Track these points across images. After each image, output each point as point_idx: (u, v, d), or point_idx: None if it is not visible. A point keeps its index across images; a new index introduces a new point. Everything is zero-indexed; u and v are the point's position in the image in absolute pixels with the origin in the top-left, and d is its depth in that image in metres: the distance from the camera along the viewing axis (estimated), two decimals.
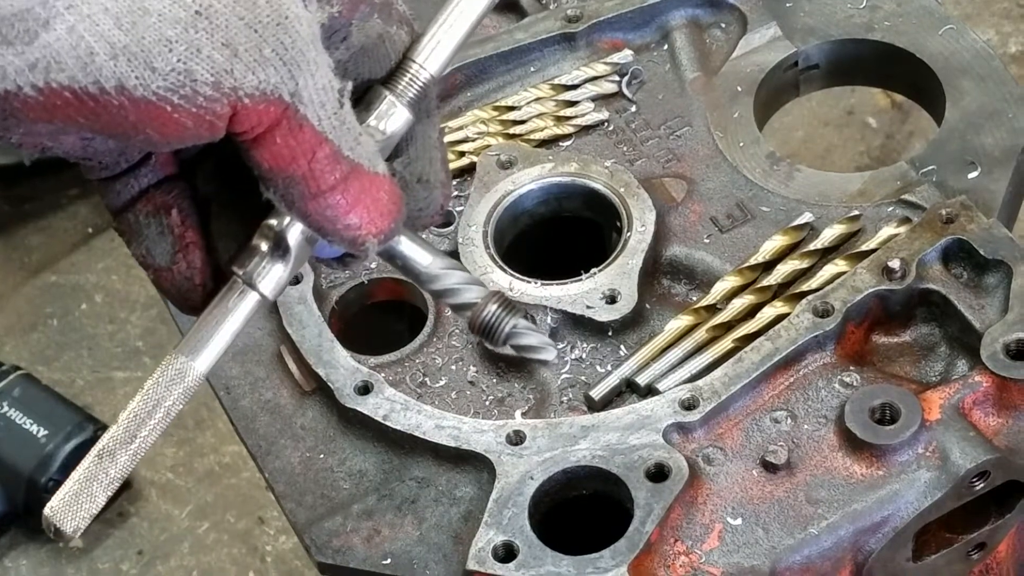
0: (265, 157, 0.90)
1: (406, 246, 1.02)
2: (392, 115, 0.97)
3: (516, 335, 1.03)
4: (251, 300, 0.96)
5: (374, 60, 0.97)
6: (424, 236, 1.40)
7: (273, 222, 0.96)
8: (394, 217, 0.95)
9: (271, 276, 0.96)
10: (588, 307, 1.35)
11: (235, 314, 0.96)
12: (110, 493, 0.93)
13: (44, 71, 0.82)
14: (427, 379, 1.35)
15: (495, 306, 1.03)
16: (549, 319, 1.35)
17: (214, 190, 1.00)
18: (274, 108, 0.88)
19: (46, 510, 0.92)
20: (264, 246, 0.96)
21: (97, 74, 0.83)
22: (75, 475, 0.93)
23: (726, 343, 1.31)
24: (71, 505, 0.92)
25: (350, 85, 0.92)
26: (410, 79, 0.98)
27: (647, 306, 1.37)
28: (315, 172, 0.90)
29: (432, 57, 0.98)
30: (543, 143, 1.49)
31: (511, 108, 1.49)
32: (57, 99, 0.84)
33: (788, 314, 1.30)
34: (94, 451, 0.93)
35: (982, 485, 1.24)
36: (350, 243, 0.94)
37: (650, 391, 1.30)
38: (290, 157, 0.89)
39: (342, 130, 0.91)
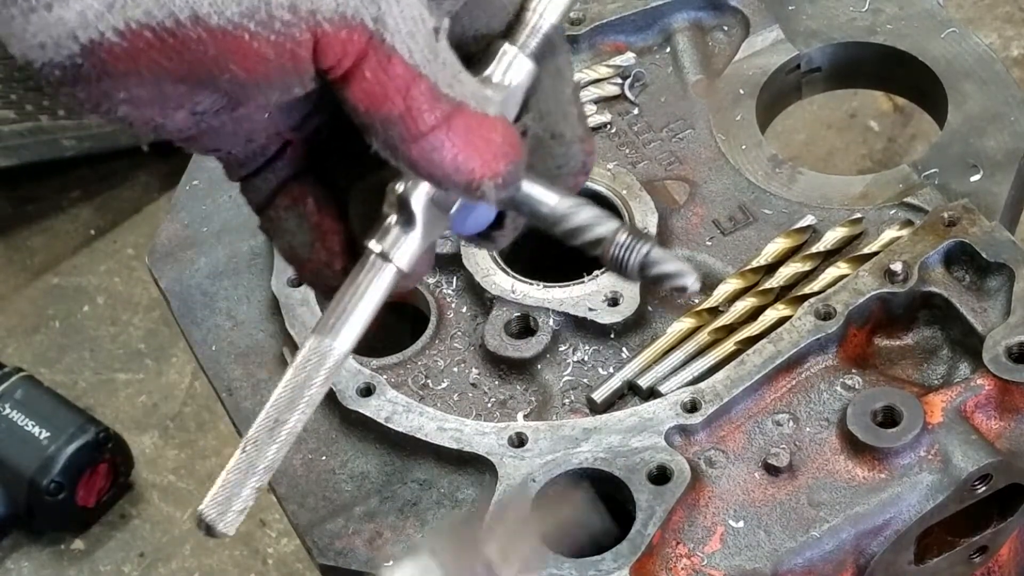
0: (357, 96, 0.86)
1: (531, 189, 0.96)
2: (513, 66, 0.93)
3: (650, 264, 0.96)
4: (386, 273, 0.93)
5: (489, 12, 0.92)
6: None
7: (398, 186, 0.93)
8: (511, 159, 0.90)
9: (402, 245, 0.93)
10: (590, 309, 1.35)
11: (371, 289, 0.93)
12: (261, 485, 0.91)
13: (121, 9, 0.80)
14: (429, 381, 1.35)
15: (625, 236, 0.96)
16: (551, 321, 1.35)
17: (348, 177, 0.97)
18: (358, 36, 0.84)
19: (200, 509, 0.90)
20: (393, 217, 0.93)
21: (171, 5, 0.81)
22: (225, 471, 0.91)
23: (728, 346, 1.31)
24: (222, 502, 0.90)
25: (446, 22, 0.88)
26: (531, 30, 0.93)
27: (649, 308, 1.37)
28: (412, 110, 0.86)
29: (551, 6, 0.93)
30: None
31: None
32: (139, 41, 0.81)
33: (790, 317, 1.30)
34: (241, 444, 0.91)
35: (984, 488, 1.24)
36: (465, 188, 0.89)
37: (652, 393, 1.30)
38: (383, 94, 0.85)
39: (436, 64, 0.86)
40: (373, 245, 0.93)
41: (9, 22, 0.82)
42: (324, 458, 1.31)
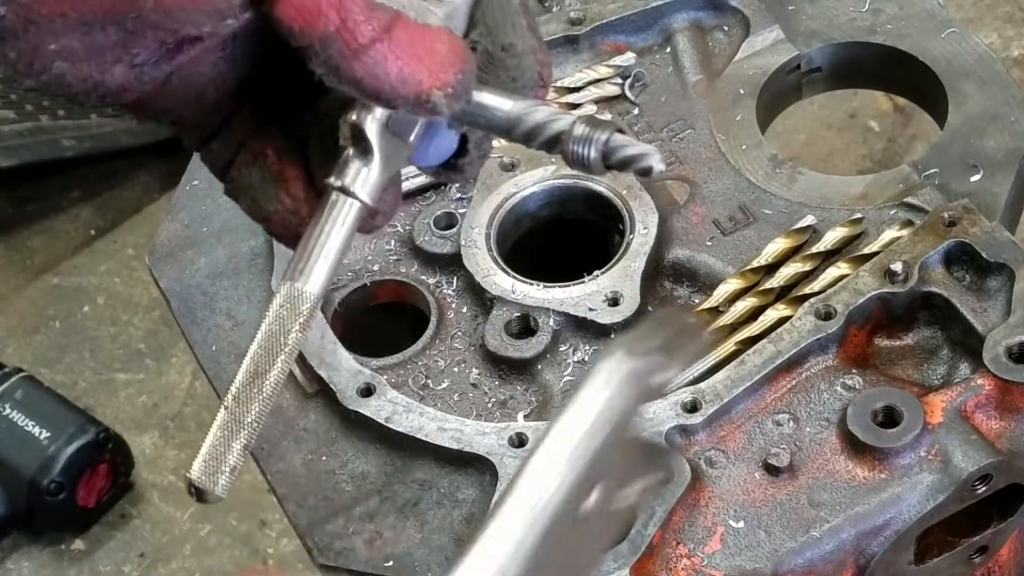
0: (290, 14, 0.83)
1: (483, 98, 0.93)
2: None
3: (612, 151, 0.91)
4: (350, 208, 0.91)
5: None
6: (428, 236, 1.41)
7: (351, 116, 0.91)
8: (459, 68, 0.86)
9: (361, 176, 0.90)
10: (590, 309, 1.35)
11: (336, 227, 0.90)
12: (248, 442, 0.88)
13: None
14: (429, 381, 1.35)
15: (583, 127, 0.91)
16: (552, 321, 1.35)
17: (306, 125, 0.96)
18: None
19: (189, 474, 0.87)
20: (350, 150, 0.91)
21: None
22: (210, 433, 0.88)
23: (728, 346, 1.31)
24: (210, 463, 0.87)
25: None
26: None
27: (649, 309, 1.37)
28: (348, 22, 0.83)
29: None
30: None
31: None
32: None
33: (790, 317, 1.30)
34: (224, 402, 0.89)
35: (984, 488, 1.24)
36: (415, 102, 0.86)
37: None
38: (314, 8, 0.82)
39: None
40: (332, 181, 0.91)
41: None
42: (324, 458, 1.31)
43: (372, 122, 0.91)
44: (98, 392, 2.78)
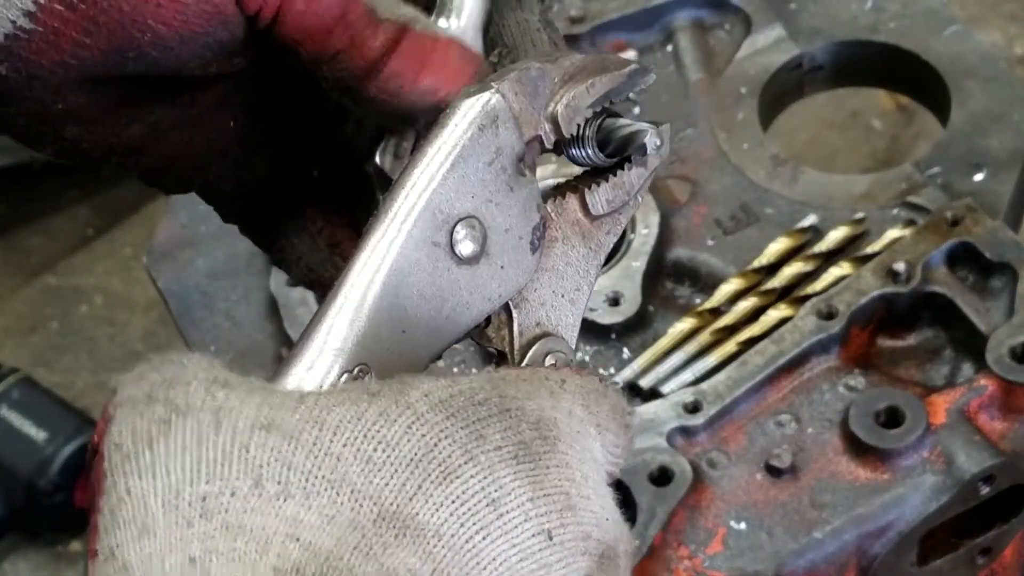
0: (295, 34, 0.80)
1: None
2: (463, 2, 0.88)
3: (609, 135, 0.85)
4: None
5: None
6: None
7: (376, 160, 0.90)
8: (474, 72, 0.83)
9: None
10: (591, 310, 1.34)
11: None
12: None
13: None
14: None
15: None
16: None
17: (349, 179, 0.94)
18: None
19: None
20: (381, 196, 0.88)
21: None
22: None
23: (730, 346, 1.30)
24: None
25: None
26: None
27: (651, 309, 1.36)
28: (355, 37, 0.80)
29: None
30: None
31: None
32: (53, 19, 0.76)
33: (792, 317, 1.29)
34: None
35: (988, 489, 1.24)
36: (435, 114, 0.83)
37: (653, 394, 1.29)
38: (320, 25, 0.80)
39: None
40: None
41: None
42: None
43: (393, 161, 0.90)
44: (96, 392, 2.77)
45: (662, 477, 1.21)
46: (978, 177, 1.41)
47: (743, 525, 1.21)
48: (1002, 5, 2.99)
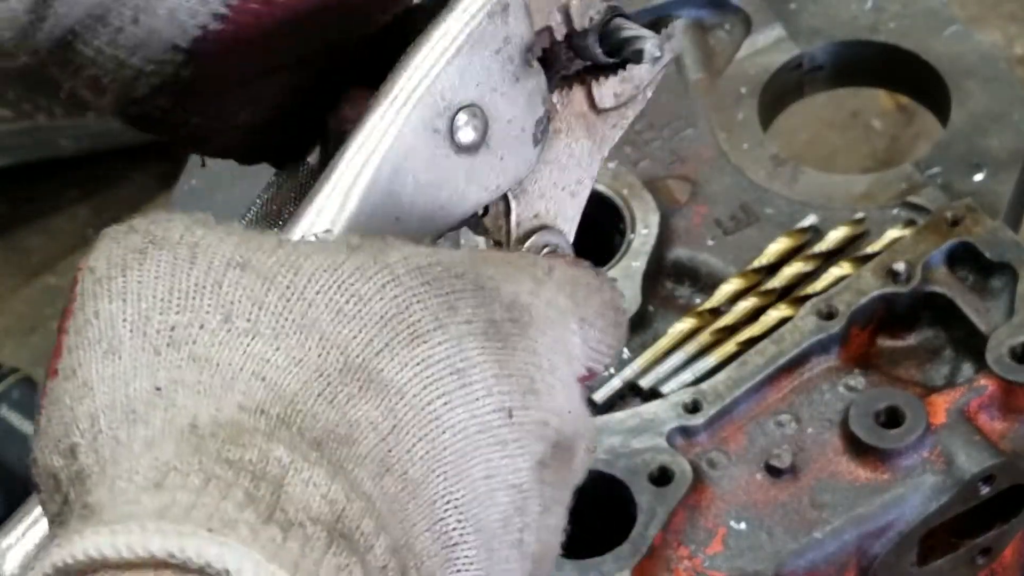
0: None
1: None
2: None
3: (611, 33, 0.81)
4: None
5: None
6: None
7: None
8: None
9: None
10: None
11: None
12: None
13: None
14: None
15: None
16: None
17: None
18: None
19: None
20: None
21: None
22: None
23: (730, 346, 1.30)
24: None
25: None
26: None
27: (650, 309, 1.36)
28: None
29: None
30: None
31: None
32: (245, 15, 0.73)
33: (792, 317, 1.29)
34: None
35: (988, 489, 1.24)
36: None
37: (653, 394, 1.29)
38: None
39: None
40: None
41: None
42: None
43: None
44: None
45: (662, 477, 1.21)
46: (978, 177, 1.41)
47: (743, 525, 1.21)
48: (1002, 5, 2.99)
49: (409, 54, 0.72)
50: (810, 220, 1.38)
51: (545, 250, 0.78)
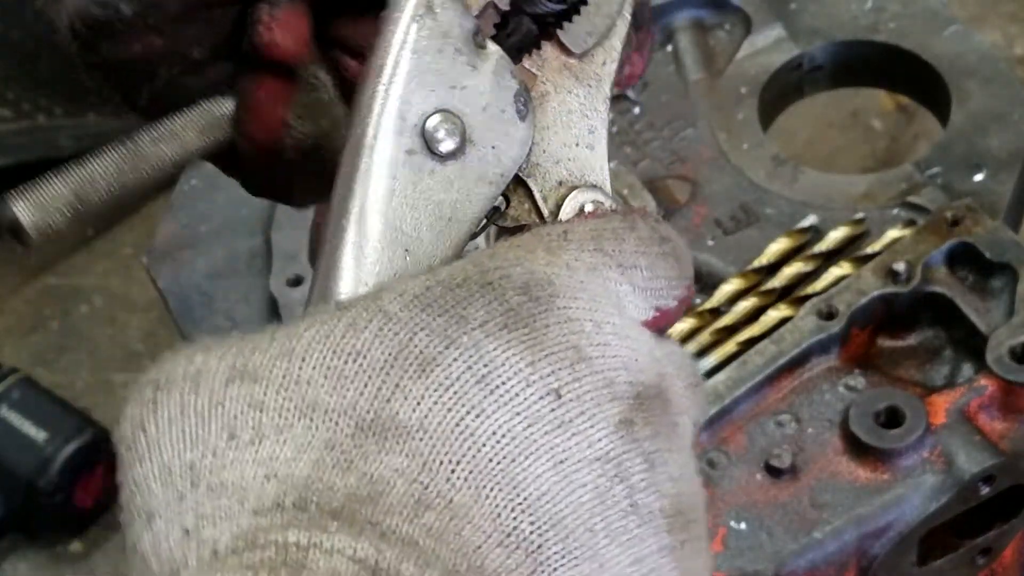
0: None
1: None
2: None
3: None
4: None
5: None
6: None
7: None
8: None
9: None
10: None
11: None
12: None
13: None
14: None
15: None
16: None
17: None
18: None
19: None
20: None
21: None
22: None
23: (730, 346, 1.30)
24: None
25: None
26: None
27: None
28: None
29: None
30: None
31: None
32: None
33: (792, 317, 1.29)
34: None
35: (988, 490, 1.24)
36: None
37: None
38: None
39: None
40: None
41: None
42: None
43: None
44: (96, 393, 2.77)
45: None
46: (978, 177, 1.41)
47: (743, 525, 1.21)
48: (1002, 5, 2.99)
49: (361, 91, 0.70)
50: (810, 220, 1.38)
51: (588, 207, 0.73)
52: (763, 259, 1.36)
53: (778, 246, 1.36)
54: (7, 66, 2.88)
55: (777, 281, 1.34)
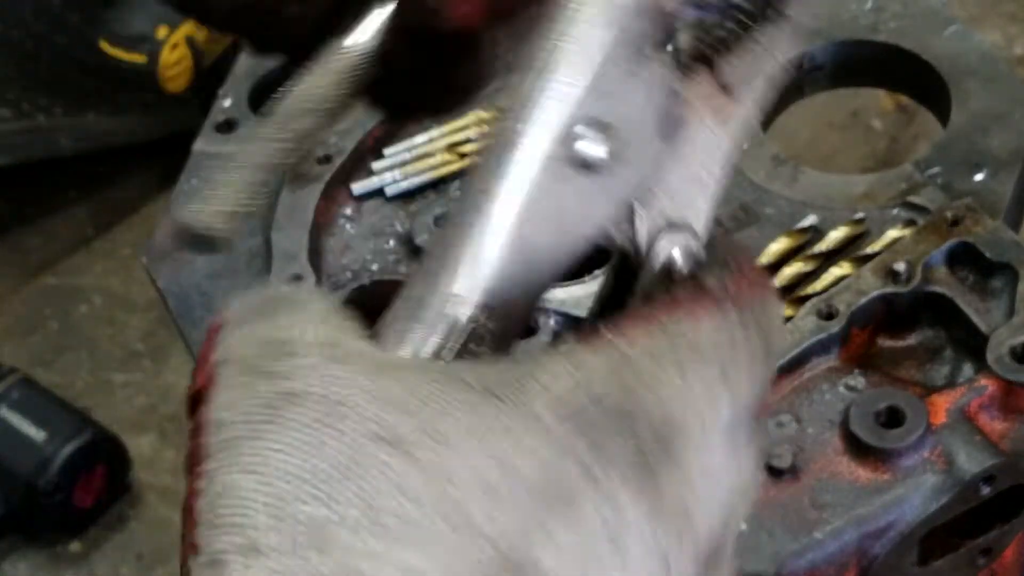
0: None
1: None
2: None
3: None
4: None
5: None
6: (428, 236, 1.39)
7: None
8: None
9: None
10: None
11: None
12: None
13: None
14: None
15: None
16: (552, 322, 1.34)
17: None
18: None
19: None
20: None
21: None
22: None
23: None
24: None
25: None
26: None
27: None
28: None
29: None
30: None
31: None
32: None
33: (792, 317, 1.29)
34: None
35: (988, 490, 1.24)
36: None
37: None
38: None
39: None
40: None
41: None
42: None
43: None
44: (95, 393, 2.77)
45: None
46: (978, 177, 1.41)
47: (743, 526, 1.21)
48: (1002, 5, 2.99)
49: (520, 84, 0.65)
50: (810, 220, 1.38)
51: (676, 251, 0.67)
52: (763, 259, 1.36)
53: (778, 246, 1.36)
54: (7, 66, 2.88)
55: (777, 281, 1.34)
